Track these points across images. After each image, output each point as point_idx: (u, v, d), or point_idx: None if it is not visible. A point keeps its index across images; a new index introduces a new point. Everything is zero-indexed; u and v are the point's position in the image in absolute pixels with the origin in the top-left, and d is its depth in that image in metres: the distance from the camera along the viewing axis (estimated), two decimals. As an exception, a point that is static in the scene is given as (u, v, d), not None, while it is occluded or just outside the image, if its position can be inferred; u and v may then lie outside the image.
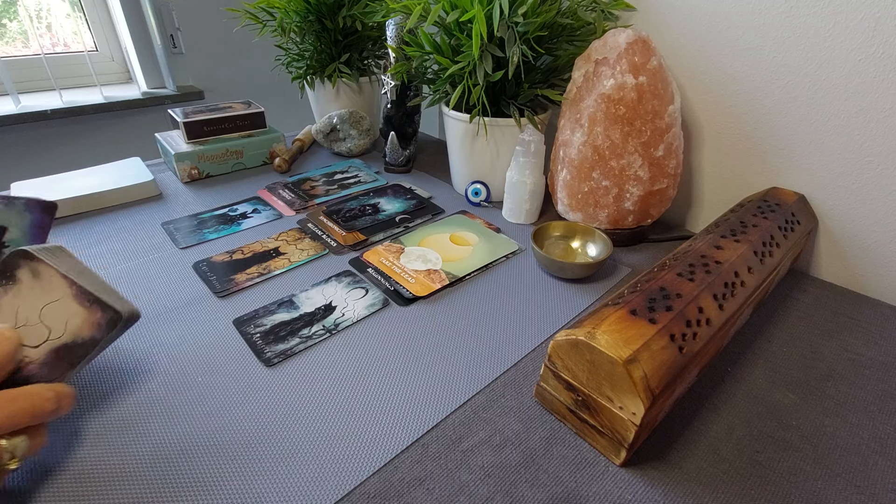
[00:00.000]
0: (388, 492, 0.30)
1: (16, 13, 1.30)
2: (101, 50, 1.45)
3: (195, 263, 0.52)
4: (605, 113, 0.52)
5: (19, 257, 0.30)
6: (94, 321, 0.30)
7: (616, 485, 0.31)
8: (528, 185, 0.59)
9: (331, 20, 0.77)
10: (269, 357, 0.40)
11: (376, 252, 0.55)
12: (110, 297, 0.31)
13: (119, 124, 1.43)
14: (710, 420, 0.36)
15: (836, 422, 0.36)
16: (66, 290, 0.30)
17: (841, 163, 0.50)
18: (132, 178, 0.66)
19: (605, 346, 0.30)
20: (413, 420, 0.35)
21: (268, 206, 0.65)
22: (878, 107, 0.46)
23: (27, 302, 0.30)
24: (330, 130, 0.82)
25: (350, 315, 0.45)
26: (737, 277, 0.39)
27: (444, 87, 0.63)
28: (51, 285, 0.30)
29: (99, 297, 0.31)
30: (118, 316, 0.31)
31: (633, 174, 0.53)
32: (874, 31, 0.44)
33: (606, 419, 0.32)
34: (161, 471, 0.31)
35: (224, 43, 1.53)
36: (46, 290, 0.30)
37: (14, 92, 1.25)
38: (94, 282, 0.32)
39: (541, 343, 0.43)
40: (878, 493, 0.31)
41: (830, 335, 0.45)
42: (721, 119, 0.57)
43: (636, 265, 0.55)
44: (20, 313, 0.30)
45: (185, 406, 0.36)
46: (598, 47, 0.53)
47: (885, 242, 0.50)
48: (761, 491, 0.31)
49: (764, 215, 0.47)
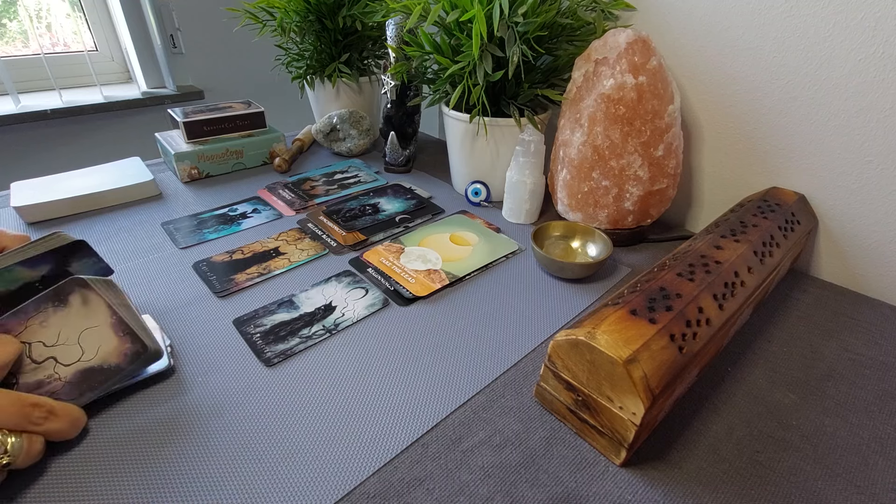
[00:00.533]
0: (387, 492, 0.30)
1: (16, 13, 1.30)
2: (101, 50, 1.45)
3: (195, 263, 0.52)
4: (605, 113, 0.52)
5: (75, 284, 0.33)
6: (122, 350, 0.33)
7: (616, 485, 0.31)
8: (527, 185, 0.59)
9: (331, 20, 0.77)
10: (269, 357, 0.40)
11: (376, 252, 0.55)
12: (141, 331, 0.35)
13: (119, 124, 1.43)
14: (710, 420, 0.36)
15: (836, 422, 0.36)
16: (106, 319, 0.34)
17: (841, 163, 0.50)
18: (132, 178, 0.66)
19: (605, 346, 0.30)
20: (413, 420, 0.35)
21: (268, 206, 0.65)
22: (878, 107, 0.46)
23: (71, 324, 0.33)
24: (330, 130, 0.82)
25: (350, 315, 0.45)
26: (737, 277, 0.39)
27: (444, 87, 0.63)
28: (95, 312, 0.33)
29: (133, 329, 0.34)
30: (143, 349, 0.34)
31: (632, 174, 0.53)
32: (874, 31, 0.44)
33: (606, 419, 0.32)
34: (161, 471, 0.31)
35: (224, 43, 1.53)
36: (90, 316, 0.33)
37: (14, 92, 1.25)
38: (132, 317, 0.35)
39: (541, 343, 0.43)
40: (878, 493, 0.31)
41: (830, 335, 0.45)
42: (721, 119, 0.57)
43: (636, 265, 0.55)
44: (62, 333, 0.33)
45: (185, 406, 0.36)
46: (598, 47, 0.53)
47: (885, 242, 0.50)
48: (761, 491, 0.31)
49: (764, 215, 0.47)
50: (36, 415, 0.29)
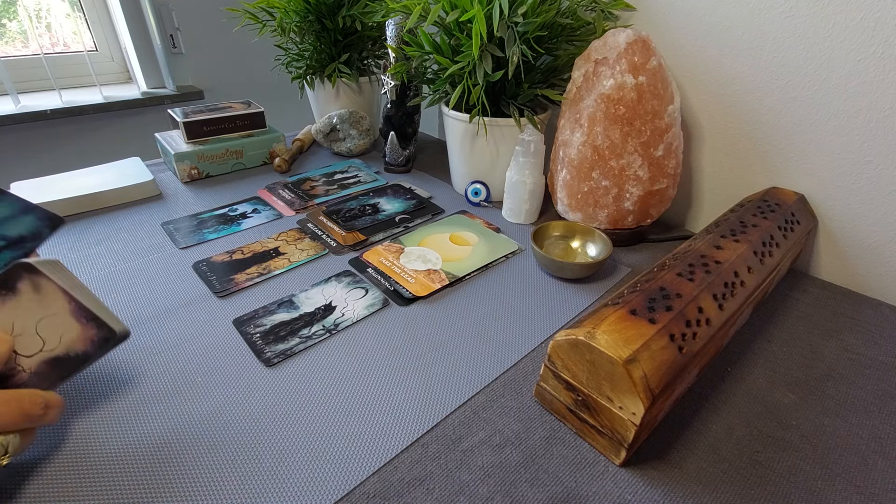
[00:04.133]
0: (387, 492, 0.30)
1: (15, 13, 1.30)
2: (101, 50, 1.45)
3: (195, 263, 0.52)
4: (605, 113, 0.52)
5: (22, 270, 0.31)
6: (88, 337, 0.32)
7: (616, 485, 0.31)
8: (527, 185, 0.59)
9: (330, 20, 0.77)
10: (268, 357, 0.40)
11: (376, 252, 0.55)
12: (105, 315, 0.33)
13: (119, 124, 1.43)
14: (710, 420, 0.36)
15: (836, 422, 0.36)
16: (64, 305, 0.31)
17: (841, 163, 0.50)
18: (132, 178, 0.66)
19: (605, 346, 0.30)
20: (413, 420, 0.35)
21: (268, 206, 0.65)
22: (878, 107, 0.46)
23: (25, 313, 0.31)
24: (330, 130, 0.81)
25: (350, 315, 0.45)
26: (736, 277, 0.39)
27: (443, 87, 0.63)
28: (49, 299, 0.31)
29: (96, 314, 0.32)
30: (112, 334, 0.32)
31: (632, 174, 0.53)
32: (874, 31, 0.44)
33: (606, 419, 0.32)
34: (161, 471, 0.31)
35: (224, 43, 1.53)
36: (44, 304, 0.31)
37: (14, 92, 1.25)
38: (90, 298, 0.33)
39: (541, 343, 0.43)
40: (877, 493, 0.31)
41: (830, 335, 0.45)
42: (721, 119, 0.57)
43: (636, 265, 0.55)
44: (17, 323, 0.31)
45: (185, 406, 0.36)
46: (597, 47, 0.53)
47: (885, 242, 0.50)
48: (761, 491, 0.31)
49: (764, 215, 0.47)
50: (36, 412, 0.29)
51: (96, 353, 0.32)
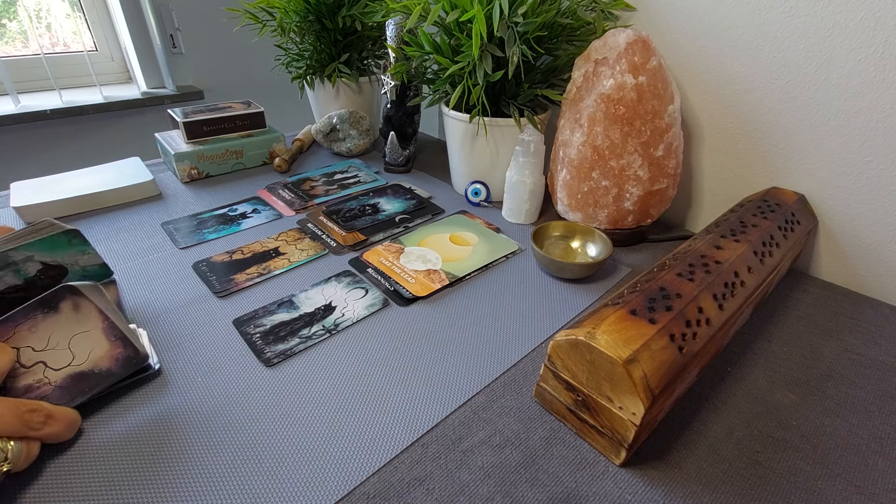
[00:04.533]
0: (387, 492, 0.30)
1: (15, 13, 1.30)
2: (101, 50, 1.45)
3: (195, 263, 0.52)
4: (605, 113, 0.52)
5: (66, 291, 0.34)
6: (114, 355, 0.34)
7: (616, 485, 0.31)
8: (527, 185, 0.59)
9: (330, 20, 0.77)
10: (268, 357, 0.40)
11: (376, 252, 0.55)
12: (132, 337, 0.35)
13: (119, 124, 1.43)
14: (710, 420, 0.36)
15: (836, 422, 0.36)
16: (97, 323, 0.34)
17: (841, 163, 0.50)
18: (132, 178, 0.66)
19: (605, 346, 0.30)
20: (413, 420, 0.35)
21: (267, 206, 0.65)
22: (878, 107, 0.46)
23: (62, 329, 0.33)
24: (330, 130, 0.81)
25: (350, 315, 0.45)
26: (737, 277, 0.39)
27: (443, 87, 0.63)
28: (86, 317, 0.34)
29: (125, 335, 0.35)
30: (136, 354, 0.35)
31: (632, 174, 0.53)
32: (874, 31, 0.44)
33: (606, 419, 0.32)
34: (160, 471, 0.31)
35: (224, 43, 1.53)
36: (81, 321, 0.34)
37: (14, 92, 1.25)
38: (121, 321, 0.36)
39: (541, 343, 0.43)
40: (877, 493, 0.31)
41: (830, 335, 0.45)
42: (721, 119, 0.57)
43: (636, 265, 0.55)
44: (52, 338, 0.33)
45: (185, 406, 0.36)
46: (597, 47, 0.53)
47: (885, 242, 0.50)
48: (761, 491, 0.31)
49: (764, 215, 0.47)
50: (35, 420, 0.29)
51: (118, 372, 0.34)
